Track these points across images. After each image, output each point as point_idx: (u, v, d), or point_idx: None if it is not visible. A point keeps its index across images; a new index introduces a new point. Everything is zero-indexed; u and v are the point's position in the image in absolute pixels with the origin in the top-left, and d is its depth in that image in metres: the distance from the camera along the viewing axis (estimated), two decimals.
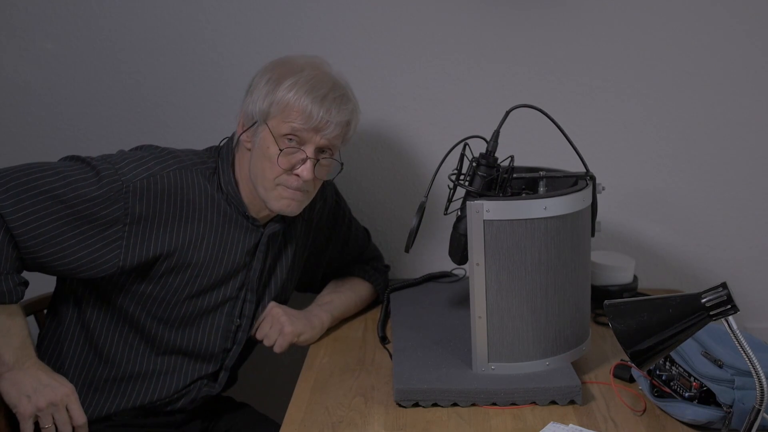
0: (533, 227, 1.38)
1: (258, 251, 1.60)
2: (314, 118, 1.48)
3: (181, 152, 1.55)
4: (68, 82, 1.95)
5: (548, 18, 1.87)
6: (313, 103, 1.48)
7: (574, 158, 1.51)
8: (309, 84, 1.49)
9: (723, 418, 1.27)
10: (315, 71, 1.53)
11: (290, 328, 1.61)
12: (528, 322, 1.41)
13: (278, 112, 1.49)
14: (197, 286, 1.54)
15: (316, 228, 1.76)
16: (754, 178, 1.94)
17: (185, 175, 1.51)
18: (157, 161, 1.48)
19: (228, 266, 1.56)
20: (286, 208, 1.54)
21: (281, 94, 1.49)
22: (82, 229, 1.41)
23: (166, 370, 1.57)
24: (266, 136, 1.50)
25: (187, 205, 1.50)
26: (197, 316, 1.56)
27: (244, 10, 1.90)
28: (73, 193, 1.40)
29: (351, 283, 1.82)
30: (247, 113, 1.54)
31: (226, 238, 1.55)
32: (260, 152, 1.51)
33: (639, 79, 1.90)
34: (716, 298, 1.11)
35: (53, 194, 1.38)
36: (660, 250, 1.99)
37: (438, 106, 1.93)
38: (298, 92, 1.48)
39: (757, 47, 1.87)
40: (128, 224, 1.44)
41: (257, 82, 1.54)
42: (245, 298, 1.61)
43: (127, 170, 1.44)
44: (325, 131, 1.50)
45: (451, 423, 1.34)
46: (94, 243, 1.42)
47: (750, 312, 1.98)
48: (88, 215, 1.41)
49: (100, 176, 1.42)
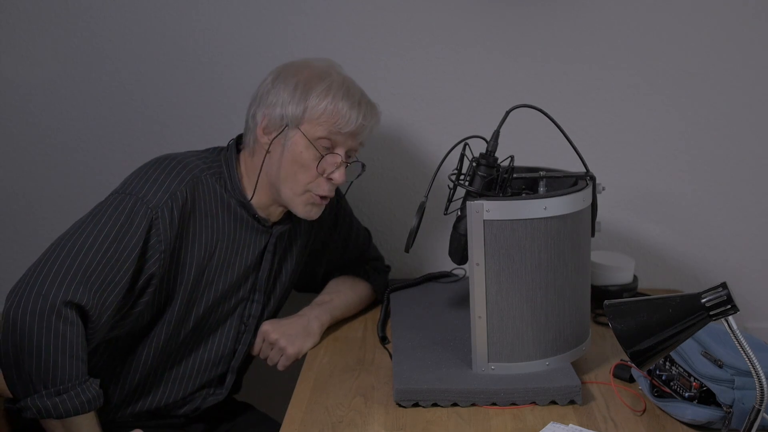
0: (533, 227, 1.38)
1: (267, 252, 1.60)
2: (352, 123, 1.51)
3: (186, 157, 1.53)
4: (68, 82, 1.95)
5: (548, 18, 1.87)
6: (351, 108, 1.51)
7: (574, 158, 1.51)
8: (343, 89, 1.52)
9: (723, 418, 1.27)
10: (340, 76, 1.55)
11: (292, 350, 1.61)
12: (528, 322, 1.41)
13: (314, 117, 1.50)
14: (213, 292, 1.54)
15: (318, 227, 1.76)
16: (754, 178, 1.94)
17: (198, 182, 1.50)
18: (171, 177, 1.46)
19: (240, 270, 1.57)
20: (308, 214, 1.56)
21: (315, 99, 1.50)
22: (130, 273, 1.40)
23: (174, 377, 1.57)
24: (299, 140, 1.50)
25: (204, 212, 1.50)
26: (212, 323, 1.57)
27: (243, 10, 1.90)
28: (120, 246, 1.38)
29: (351, 283, 1.82)
30: (272, 117, 1.52)
31: (237, 242, 1.55)
32: (291, 156, 1.51)
33: (639, 79, 1.90)
34: (716, 298, 1.11)
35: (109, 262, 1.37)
36: (660, 250, 1.99)
37: (438, 106, 1.94)
38: (335, 97, 1.50)
39: (758, 47, 1.87)
40: (162, 232, 1.43)
41: (279, 87, 1.52)
42: (254, 299, 1.62)
43: (151, 195, 1.42)
44: (360, 135, 1.54)
45: (451, 423, 1.34)
46: (146, 261, 1.42)
47: (750, 312, 1.98)
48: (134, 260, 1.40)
49: (132, 216, 1.40)
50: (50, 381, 1.30)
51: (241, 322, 1.61)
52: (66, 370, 1.30)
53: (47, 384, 1.30)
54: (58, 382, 1.30)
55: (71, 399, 1.31)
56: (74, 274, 1.33)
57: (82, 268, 1.34)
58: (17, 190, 2.02)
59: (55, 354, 1.29)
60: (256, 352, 1.65)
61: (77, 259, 1.34)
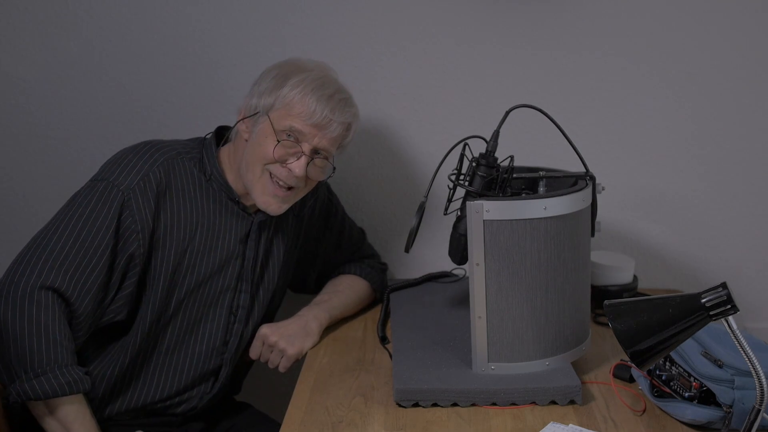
0: (533, 227, 1.38)
1: (249, 239, 1.61)
2: (318, 115, 1.50)
3: (163, 143, 1.57)
4: (67, 82, 1.95)
5: (549, 18, 1.87)
6: (319, 101, 1.51)
7: (574, 158, 1.51)
8: (316, 83, 1.52)
9: (723, 418, 1.27)
10: (322, 73, 1.56)
11: (292, 351, 1.61)
12: (528, 322, 1.41)
13: (282, 106, 1.51)
14: (195, 276, 1.54)
15: (307, 225, 1.76)
16: (754, 178, 1.94)
17: (174, 163, 1.53)
18: (144, 160, 1.50)
19: (222, 254, 1.57)
20: (268, 207, 1.55)
21: (287, 89, 1.51)
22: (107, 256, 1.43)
23: (167, 368, 1.56)
24: (266, 128, 1.52)
25: (181, 193, 1.52)
26: (198, 310, 1.56)
27: (243, 10, 1.89)
28: (93, 229, 1.42)
29: (349, 282, 1.81)
30: (249, 104, 1.56)
31: (219, 225, 1.57)
32: (256, 141, 1.52)
33: (639, 79, 1.90)
34: (716, 298, 1.11)
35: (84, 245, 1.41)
36: (660, 250, 1.98)
37: (438, 106, 1.93)
38: (305, 89, 1.51)
39: (757, 47, 1.87)
40: (140, 231, 1.46)
41: (263, 77, 1.56)
42: (241, 289, 1.62)
43: (122, 179, 1.46)
44: (326, 130, 1.52)
45: (451, 423, 1.34)
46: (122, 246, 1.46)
47: (750, 312, 1.98)
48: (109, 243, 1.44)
49: (103, 199, 1.44)
50: (29, 365, 1.33)
51: (230, 312, 1.61)
52: (43, 354, 1.33)
53: (27, 369, 1.33)
54: (36, 365, 1.33)
55: (49, 381, 1.33)
56: (46, 260, 1.38)
57: (54, 253, 1.38)
58: (17, 191, 2.02)
59: (30, 339, 1.33)
60: (255, 356, 1.64)
61: (49, 246, 1.39)
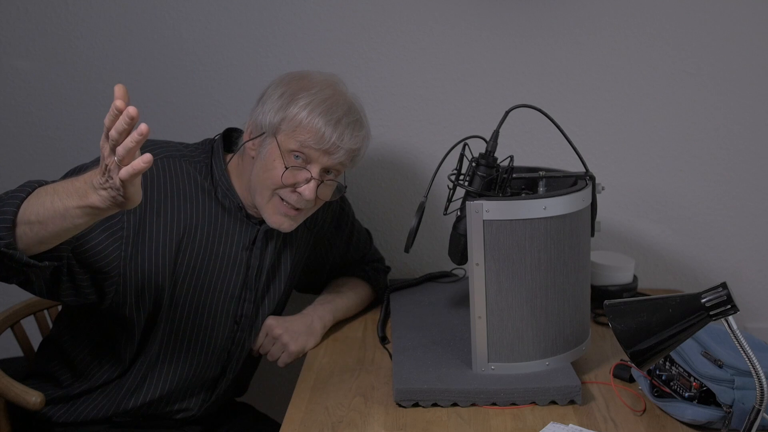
0: (533, 227, 1.37)
1: (255, 248, 1.58)
2: (326, 141, 1.46)
3: (168, 143, 1.55)
4: (67, 82, 1.95)
5: (549, 18, 1.87)
6: (327, 125, 1.46)
7: (574, 158, 1.51)
8: (324, 105, 1.47)
9: (723, 418, 1.27)
10: (331, 91, 1.50)
11: (294, 347, 1.60)
12: (528, 322, 1.41)
13: (289, 128, 1.47)
14: (195, 276, 1.52)
15: (318, 234, 1.75)
16: (754, 178, 1.94)
17: (172, 163, 1.50)
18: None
19: (224, 259, 1.54)
20: (279, 226, 1.52)
21: (294, 110, 1.47)
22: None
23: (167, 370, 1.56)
24: (273, 150, 1.48)
25: (178, 192, 1.49)
26: (200, 316, 1.55)
27: (243, 10, 1.90)
28: None
29: (353, 284, 1.81)
30: (256, 122, 1.51)
31: (222, 227, 1.54)
32: (264, 164, 1.49)
33: (639, 79, 1.90)
34: (716, 298, 1.11)
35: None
36: (660, 250, 1.99)
37: (438, 106, 1.93)
38: (313, 112, 1.46)
39: (757, 47, 1.87)
40: (125, 214, 1.42)
41: (270, 94, 1.51)
42: (245, 298, 1.60)
43: None
44: (334, 155, 1.49)
45: (451, 423, 1.34)
46: (99, 234, 1.40)
47: (750, 312, 1.98)
48: None
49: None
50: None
51: (234, 321, 1.59)
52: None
53: None
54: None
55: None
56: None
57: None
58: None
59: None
60: (257, 346, 1.64)
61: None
